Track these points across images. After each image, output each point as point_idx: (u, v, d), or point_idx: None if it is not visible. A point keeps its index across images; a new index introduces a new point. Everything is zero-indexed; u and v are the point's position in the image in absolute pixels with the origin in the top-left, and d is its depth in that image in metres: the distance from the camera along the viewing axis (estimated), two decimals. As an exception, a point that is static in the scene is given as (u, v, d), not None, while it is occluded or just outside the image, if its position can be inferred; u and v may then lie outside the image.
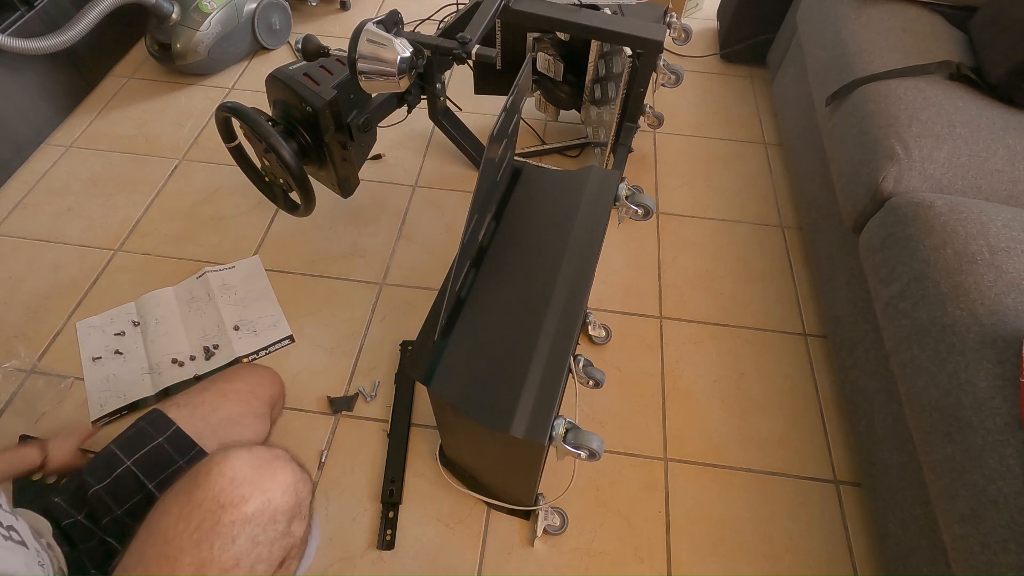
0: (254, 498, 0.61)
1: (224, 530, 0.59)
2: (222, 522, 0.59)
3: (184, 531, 0.58)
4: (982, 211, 0.84)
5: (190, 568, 0.57)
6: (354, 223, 1.40)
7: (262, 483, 0.62)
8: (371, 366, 1.16)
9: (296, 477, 0.66)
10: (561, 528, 0.96)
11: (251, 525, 0.60)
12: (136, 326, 1.19)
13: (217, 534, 0.58)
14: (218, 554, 0.58)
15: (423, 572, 0.93)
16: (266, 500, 0.61)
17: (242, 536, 0.59)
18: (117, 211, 1.40)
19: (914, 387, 0.78)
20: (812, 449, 1.08)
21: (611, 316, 1.25)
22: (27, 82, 1.48)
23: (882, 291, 0.90)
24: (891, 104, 1.01)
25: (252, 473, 0.62)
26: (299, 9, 1.98)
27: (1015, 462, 0.64)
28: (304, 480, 0.67)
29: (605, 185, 0.89)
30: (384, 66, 0.99)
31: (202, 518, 0.59)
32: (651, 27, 1.20)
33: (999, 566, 0.62)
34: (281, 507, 0.63)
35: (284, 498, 0.63)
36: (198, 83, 1.73)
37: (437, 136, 1.57)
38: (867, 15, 1.20)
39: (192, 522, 0.59)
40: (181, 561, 0.57)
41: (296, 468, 0.67)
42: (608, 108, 1.36)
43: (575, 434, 0.69)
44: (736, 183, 1.54)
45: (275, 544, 0.62)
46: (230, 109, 1.08)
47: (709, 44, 1.95)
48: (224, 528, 0.59)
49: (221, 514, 0.59)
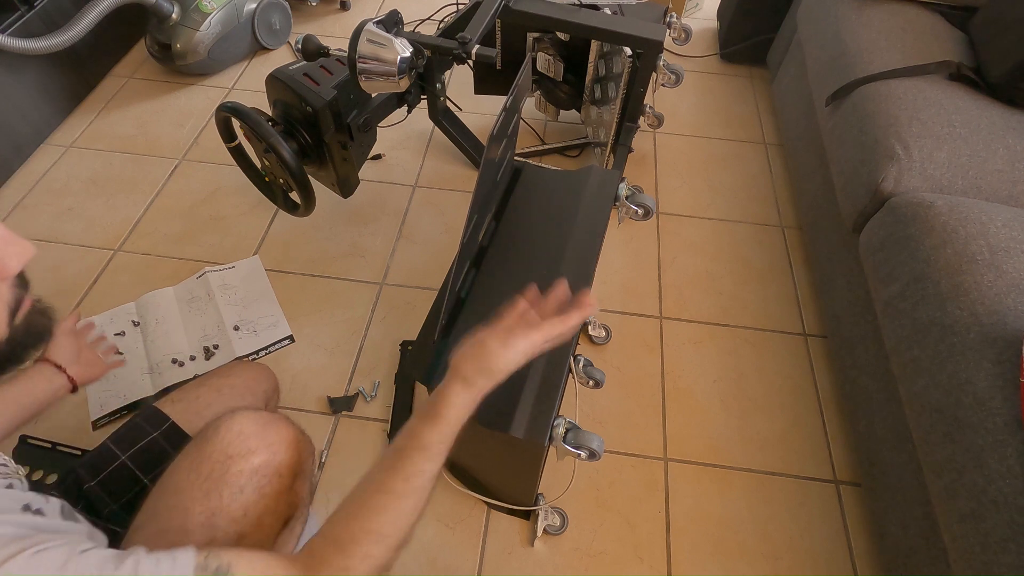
0: (260, 451, 0.63)
1: (232, 479, 0.61)
2: (230, 471, 0.61)
3: (195, 482, 0.61)
4: (982, 211, 0.84)
5: (201, 516, 0.59)
6: (354, 223, 1.40)
7: (267, 437, 0.64)
8: (371, 366, 1.16)
9: (298, 436, 0.68)
10: (561, 528, 0.96)
11: (257, 476, 0.62)
12: (136, 326, 1.19)
13: (226, 483, 0.61)
14: (227, 503, 0.60)
15: (423, 572, 0.93)
16: (271, 453, 0.64)
17: (249, 486, 0.62)
18: (117, 211, 1.40)
19: (914, 387, 0.78)
20: (812, 449, 1.08)
21: (611, 316, 1.25)
22: (27, 82, 1.48)
23: (882, 291, 0.90)
24: (891, 104, 1.01)
25: (258, 428, 0.65)
26: (299, 9, 1.98)
27: (1015, 462, 0.64)
28: (306, 441, 0.69)
29: (605, 185, 0.89)
30: (384, 66, 0.99)
31: (211, 468, 0.61)
32: (651, 27, 1.20)
33: (999, 566, 0.62)
34: (285, 461, 0.65)
35: (288, 453, 0.65)
36: (198, 83, 1.73)
37: (437, 136, 1.57)
38: (867, 15, 1.20)
39: (202, 473, 0.61)
40: (192, 510, 0.59)
41: (298, 429, 0.69)
42: (608, 108, 1.36)
43: (575, 434, 0.69)
44: (736, 183, 1.54)
45: (280, 498, 0.64)
46: (230, 109, 1.08)
47: (709, 44, 1.95)
48: (232, 477, 0.61)
49: (229, 464, 0.61)
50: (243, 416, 0.65)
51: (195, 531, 0.59)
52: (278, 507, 0.64)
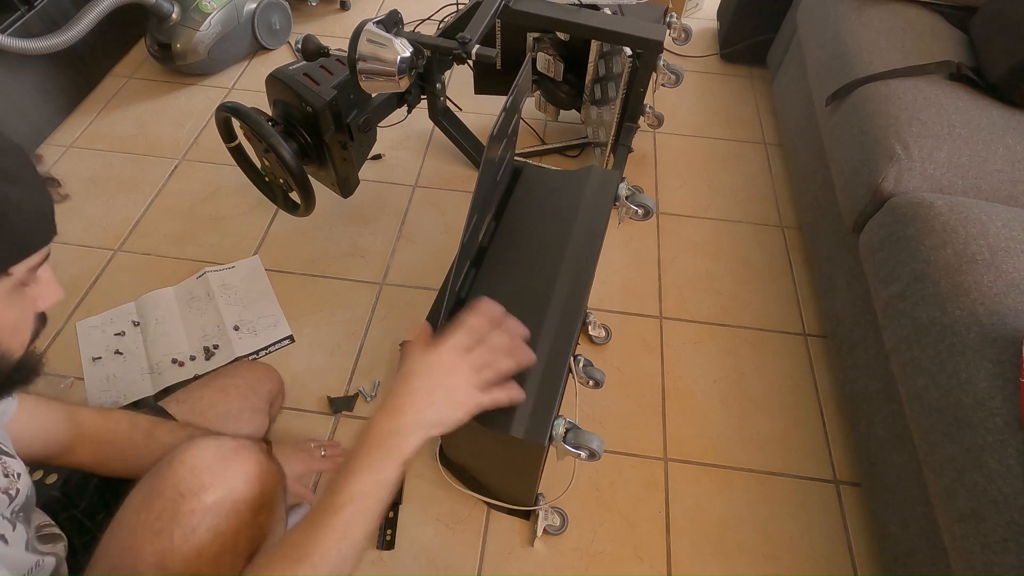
0: (214, 487, 0.58)
1: (184, 519, 0.56)
2: (181, 511, 0.57)
3: (145, 521, 0.57)
4: (982, 211, 0.84)
5: (152, 558, 0.55)
6: (354, 223, 1.40)
7: (224, 472, 0.60)
8: (371, 366, 1.16)
9: (261, 467, 0.63)
10: (561, 528, 0.96)
11: (211, 515, 0.58)
12: (136, 326, 1.19)
13: (177, 523, 0.56)
14: (179, 544, 0.56)
15: (423, 572, 0.93)
16: (227, 489, 0.59)
17: (203, 526, 0.57)
18: (117, 211, 1.40)
19: (914, 387, 0.78)
20: (812, 449, 1.08)
21: (611, 316, 1.25)
22: (27, 82, 1.48)
23: (882, 291, 0.90)
24: (891, 104, 1.01)
25: (214, 462, 0.60)
26: (299, 9, 1.98)
27: (1015, 462, 0.64)
28: (271, 471, 0.65)
29: (605, 185, 0.89)
30: (384, 66, 0.99)
31: (163, 507, 0.57)
32: (651, 27, 1.20)
33: (999, 566, 0.62)
34: (244, 496, 0.60)
35: (247, 487, 0.60)
36: (198, 83, 1.73)
37: (437, 136, 1.57)
38: (867, 15, 1.20)
39: (153, 512, 0.57)
40: (143, 552, 0.55)
41: (262, 459, 0.64)
42: (608, 108, 1.36)
43: (575, 434, 0.69)
44: (736, 183, 1.54)
45: (240, 535, 0.60)
46: (230, 109, 1.08)
47: (709, 44, 1.95)
48: (184, 517, 0.57)
49: (181, 503, 0.57)
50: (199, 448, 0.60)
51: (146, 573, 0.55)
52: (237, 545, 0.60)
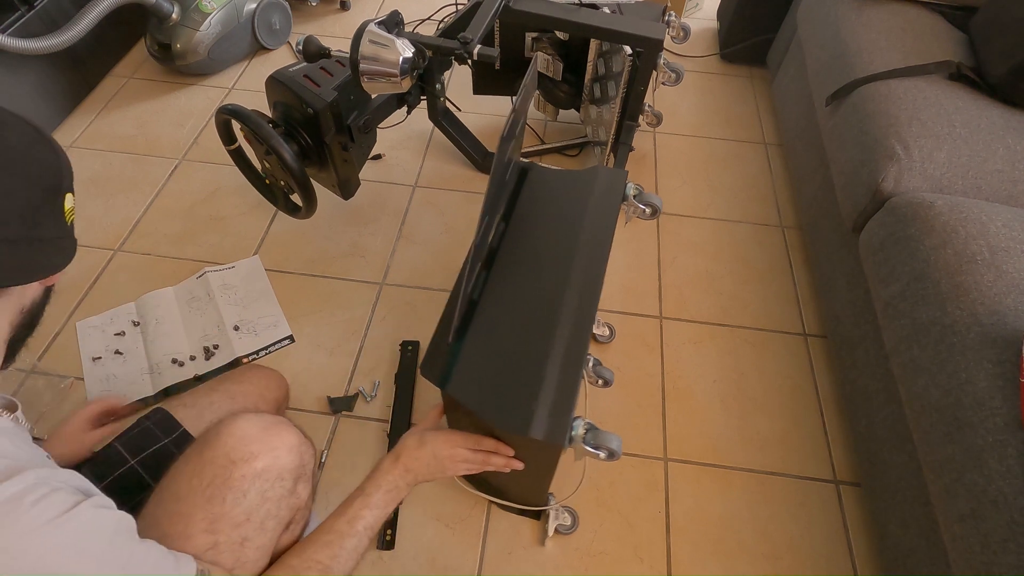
0: (263, 455, 0.63)
1: (235, 484, 0.61)
2: (233, 477, 0.61)
3: (197, 487, 0.61)
4: (982, 211, 0.84)
5: (203, 523, 0.59)
6: (354, 223, 1.40)
7: (270, 441, 0.65)
8: (371, 366, 1.16)
9: (300, 440, 0.68)
10: (572, 527, 0.96)
11: (260, 480, 0.63)
12: (136, 326, 1.19)
13: (228, 488, 0.61)
14: (230, 508, 0.60)
15: (423, 572, 0.93)
16: (274, 457, 0.64)
17: (252, 491, 0.62)
18: (117, 211, 1.40)
19: (914, 387, 0.78)
20: (812, 449, 1.08)
21: (611, 316, 1.25)
22: (27, 82, 1.48)
23: (882, 291, 0.90)
24: (891, 104, 1.01)
25: (260, 432, 0.65)
26: (299, 9, 1.98)
27: (1015, 462, 0.64)
28: (307, 445, 0.70)
29: (613, 184, 0.89)
30: (387, 67, 0.99)
31: (214, 474, 0.61)
32: (651, 26, 1.20)
33: (999, 566, 0.62)
34: (287, 466, 0.65)
35: (290, 457, 0.66)
36: (198, 83, 1.73)
37: (437, 136, 1.57)
38: (867, 15, 1.20)
39: (204, 478, 0.61)
40: (194, 517, 0.59)
41: (300, 433, 0.69)
42: (608, 107, 1.36)
43: (595, 435, 0.68)
44: (736, 183, 1.54)
45: (283, 502, 0.65)
46: (231, 112, 1.08)
47: (709, 44, 1.95)
48: (235, 482, 0.61)
49: (232, 469, 0.61)
50: (245, 420, 0.65)
51: (197, 536, 0.59)
52: (280, 511, 0.65)
